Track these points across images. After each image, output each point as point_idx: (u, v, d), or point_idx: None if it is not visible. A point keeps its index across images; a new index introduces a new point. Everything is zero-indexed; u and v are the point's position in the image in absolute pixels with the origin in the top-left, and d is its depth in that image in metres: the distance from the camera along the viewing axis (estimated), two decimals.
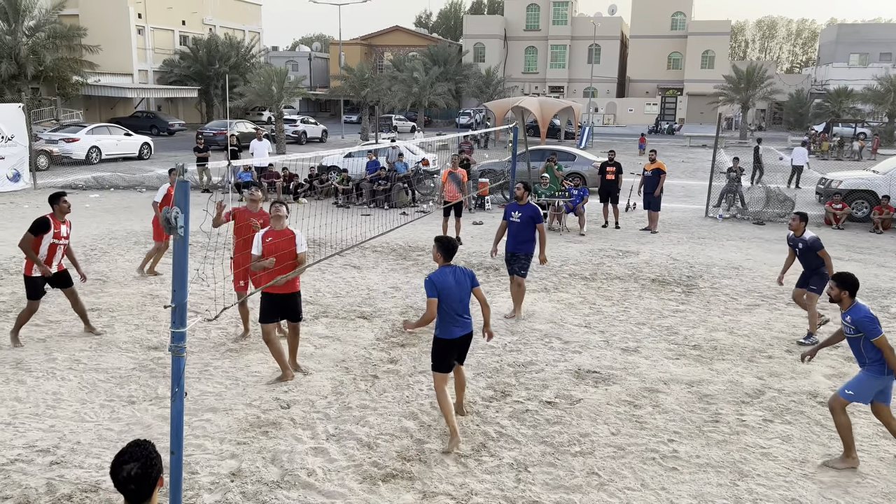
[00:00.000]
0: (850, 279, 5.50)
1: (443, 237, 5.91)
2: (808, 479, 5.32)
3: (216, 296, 8.35)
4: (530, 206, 9.02)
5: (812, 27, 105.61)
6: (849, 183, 17.59)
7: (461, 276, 5.81)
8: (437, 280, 5.67)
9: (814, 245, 8.36)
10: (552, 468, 5.42)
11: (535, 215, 8.96)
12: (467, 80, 54.16)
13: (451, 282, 5.70)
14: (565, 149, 22.86)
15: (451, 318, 5.73)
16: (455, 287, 5.72)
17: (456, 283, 5.74)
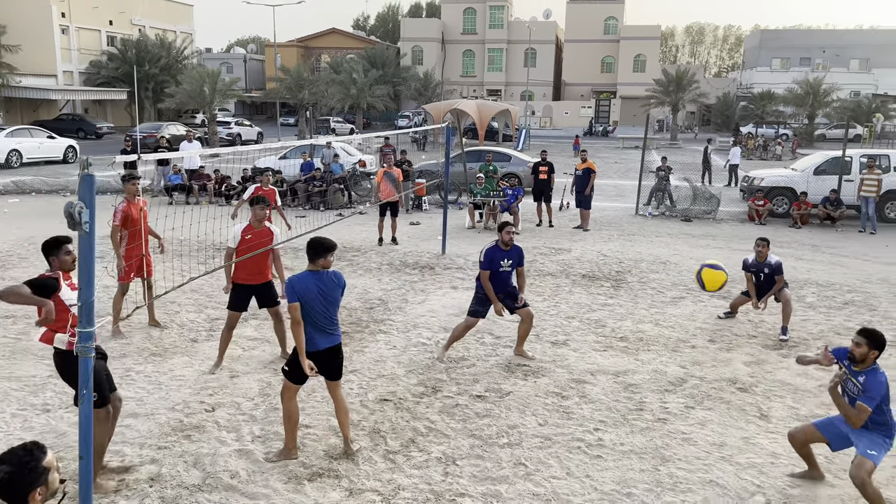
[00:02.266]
0: (882, 339, 4.76)
1: (313, 239, 5.27)
2: (726, 462, 5.50)
3: (127, 297, 8.10)
4: (517, 249, 7.59)
5: (738, 33, 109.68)
6: (770, 181, 18.32)
7: (329, 283, 5.19)
8: (298, 284, 5.10)
9: (778, 269, 8.57)
10: (480, 460, 5.45)
11: (522, 258, 7.62)
12: (406, 82, 54.18)
13: (312, 288, 5.11)
14: (501, 150, 23.08)
15: (313, 326, 5.17)
16: (317, 294, 5.12)
17: (319, 290, 5.13)
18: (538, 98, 66.26)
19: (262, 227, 7.12)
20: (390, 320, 8.84)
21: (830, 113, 48.21)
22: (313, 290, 5.12)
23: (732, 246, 14.09)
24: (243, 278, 7.02)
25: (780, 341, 8.39)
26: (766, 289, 8.70)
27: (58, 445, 5.38)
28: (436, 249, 13.03)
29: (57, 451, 5.23)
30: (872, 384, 4.69)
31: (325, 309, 5.18)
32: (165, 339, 8.01)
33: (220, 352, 7.20)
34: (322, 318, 5.18)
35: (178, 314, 8.89)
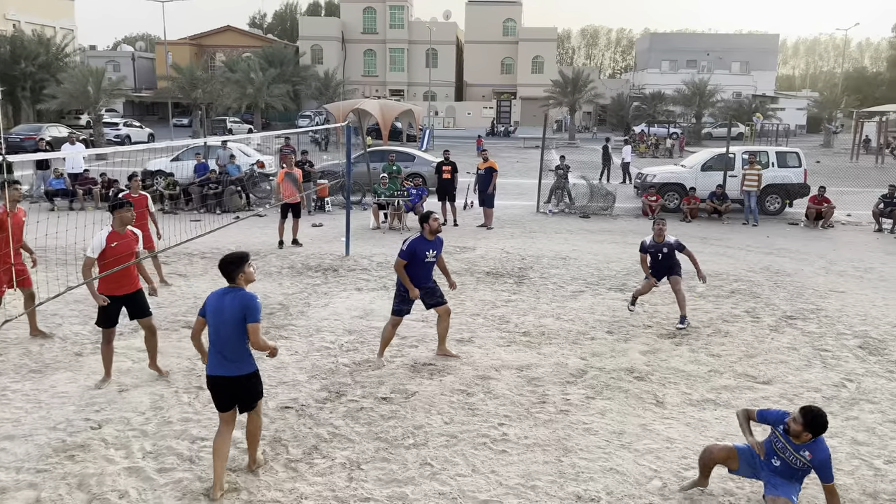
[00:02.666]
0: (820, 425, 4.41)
1: (225, 256, 4.88)
2: (625, 449, 5.66)
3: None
4: (440, 239, 7.53)
5: (629, 36, 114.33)
6: (661, 177, 19.15)
7: (232, 306, 4.66)
8: (209, 298, 4.81)
9: (679, 246, 8.85)
10: (385, 463, 5.37)
11: (442, 246, 7.58)
12: (305, 81, 53.22)
13: (215, 306, 4.73)
14: (405, 150, 23.04)
15: (211, 348, 4.79)
16: (215, 314, 4.70)
17: (220, 309, 4.68)
18: (441, 98, 66.67)
19: (127, 231, 6.63)
20: (292, 325, 8.61)
21: (715, 112, 51.11)
22: (215, 307, 4.74)
23: (628, 240, 14.62)
24: (114, 289, 6.52)
25: (678, 329, 8.72)
26: (665, 266, 8.91)
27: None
28: (339, 251, 12.82)
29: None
30: (822, 457, 4.43)
31: (218, 330, 4.71)
32: (46, 353, 7.46)
33: (106, 367, 6.76)
34: (215, 337, 4.74)
35: (61, 326, 8.32)
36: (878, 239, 15.41)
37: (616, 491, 5.04)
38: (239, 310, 4.66)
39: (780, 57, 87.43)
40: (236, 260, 4.80)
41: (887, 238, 15.50)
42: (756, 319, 9.17)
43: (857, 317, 9.34)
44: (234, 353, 4.74)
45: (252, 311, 4.68)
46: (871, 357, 7.83)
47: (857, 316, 9.37)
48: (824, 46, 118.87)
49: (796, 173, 18.39)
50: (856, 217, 17.95)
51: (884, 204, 16.54)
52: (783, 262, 12.68)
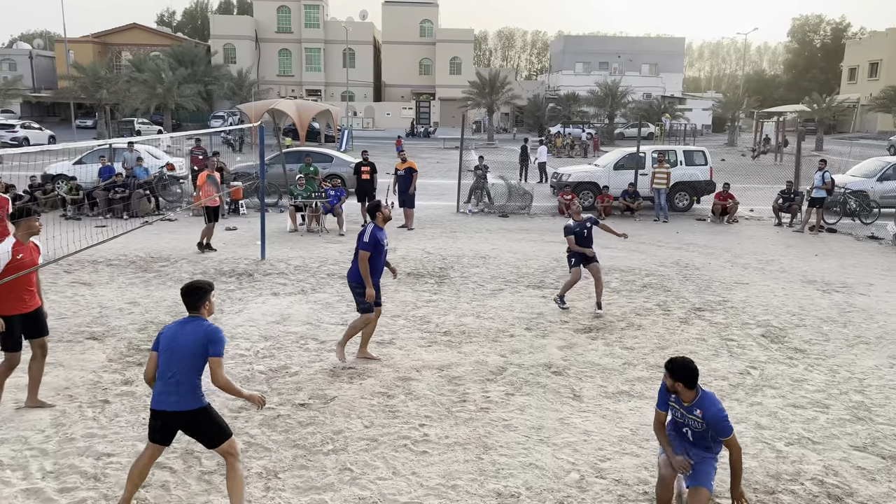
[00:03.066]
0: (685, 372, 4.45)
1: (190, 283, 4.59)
2: (544, 444, 5.73)
3: None
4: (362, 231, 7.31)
5: (544, 38, 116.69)
6: (576, 176, 19.62)
7: (194, 336, 4.37)
8: (166, 329, 4.49)
9: (593, 221, 9.64)
10: (304, 471, 5.25)
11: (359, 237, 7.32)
12: (218, 81, 51.70)
13: (173, 332, 4.42)
14: (322, 150, 22.73)
15: (158, 381, 4.40)
16: (171, 341, 4.38)
17: (178, 336, 4.37)
18: (359, 99, 66.16)
19: (31, 243, 6.05)
20: None
21: (627, 113, 52.84)
22: (170, 337, 4.40)
23: (546, 239, 14.91)
24: (18, 307, 5.90)
25: (597, 315, 9.16)
26: (590, 241, 9.62)
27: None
28: (254, 255, 12.50)
29: None
30: (712, 411, 4.35)
31: (171, 363, 4.33)
32: None
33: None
34: (167, 371, 4.34)
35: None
36: (777, 232, 16.27)
37: (535, 486, 5.10)
38: (202, 341, 4.35)
39: (686, 59, 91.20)
40: (202, 288, 4.52)
41: (786, 231, 16.39)
42: (667, 312, 9.50)
43: (759, 307, 9.82)
44: (185, 387, 4.35)
45: (216, 345, 4.37)
46: (773, 345, 8.24)
47: (759, 306, 9.86)
48: (727, 50, 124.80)
49: (703, 171, 19.21)
50: (758, 212, 18.90)
51: (782, 199, 17.48)
52: (692, 257, 13.21)
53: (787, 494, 5.04)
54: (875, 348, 8.17)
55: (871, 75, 61.70)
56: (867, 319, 9.29)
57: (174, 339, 4.38)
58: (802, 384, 7.04)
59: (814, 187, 16.15)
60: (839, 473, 5.33)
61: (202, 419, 4.45)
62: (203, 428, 4.46)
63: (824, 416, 6.32)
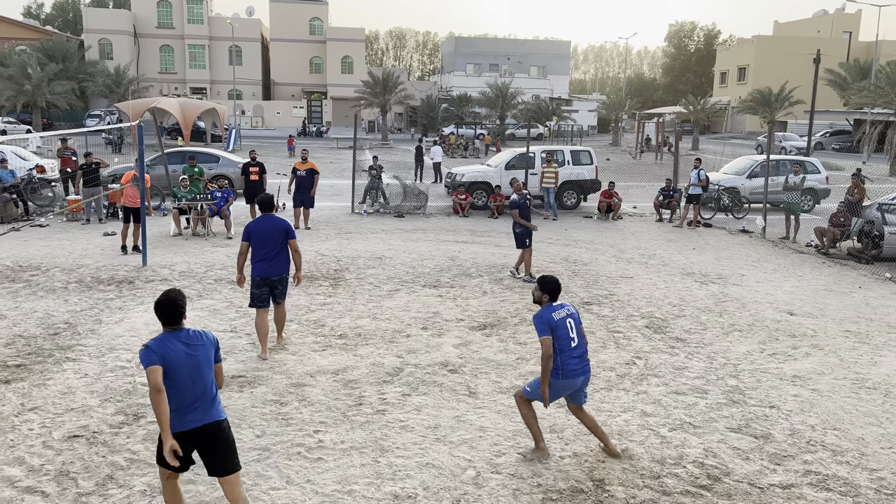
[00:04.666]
0: (551, 283, 5.44)
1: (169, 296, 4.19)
2: (441, 443, 5.75)
3: None
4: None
5: (435, 39, 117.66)
6: (469, 176, 19.86)
7: (205, 349, 4.18)
8: (160, 349, 4.03)
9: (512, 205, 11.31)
10: (192, 485, 5.00)
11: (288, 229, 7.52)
12: (93, 78, 48.69)
13: (180, 353, 4.07)
14: (208, 150, 21.86)
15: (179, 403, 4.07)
16: (185, 357, 4.08)
17: (187, 353, 4.10)
18: (247, 97, 64.23)
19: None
20: (80, 346, 7.78)
21: (517, 114, 54.07)
22: (180, 352, 4.06)
23: (441, 238, 15.00)
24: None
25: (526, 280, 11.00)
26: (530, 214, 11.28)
27: None
28: (135, 261, 11.85)
29: None
30: (534, 319, 5.39)
31: (200, 375, 4.11)
32: None
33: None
34: (194, 388, 4.08)
35: None
36: (658, 228, 17.12)
37: (432, 485, 5.09)
38: (211, 350, 4.23)
39: (572, 62, 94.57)
40: (182, 297, 4.22)
41: (666, 227, 17.28)
42: None
43: (643, 299, 10.28)
44: (214, 397, 4.19)
45: (218, 351, 4.31)
46: (656, 335, 8.64)
47: (643, 299, 10.32)
48: (610, 53, 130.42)
49: (589, 170, 19.93)
50: (640, 209, 19.83)
51: (663, 196, 18.41)
52: (580, 253, 13.67)
53: (671, 478, 5.28)
54: (748, 335, 8.73)
55: (740, 79, 66.27)
56: (740, 308, 9.92)
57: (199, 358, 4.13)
58: (683, 372, 7.42)
59: (690, 185, 17.11)
60: (717, 455, 5.65)
61: (228, 430, 4.26)
62: (228, 440, 4.24)
63: (703, 401, 6.69)
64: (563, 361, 5.29)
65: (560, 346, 5.28)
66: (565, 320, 5.35)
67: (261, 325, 7.52)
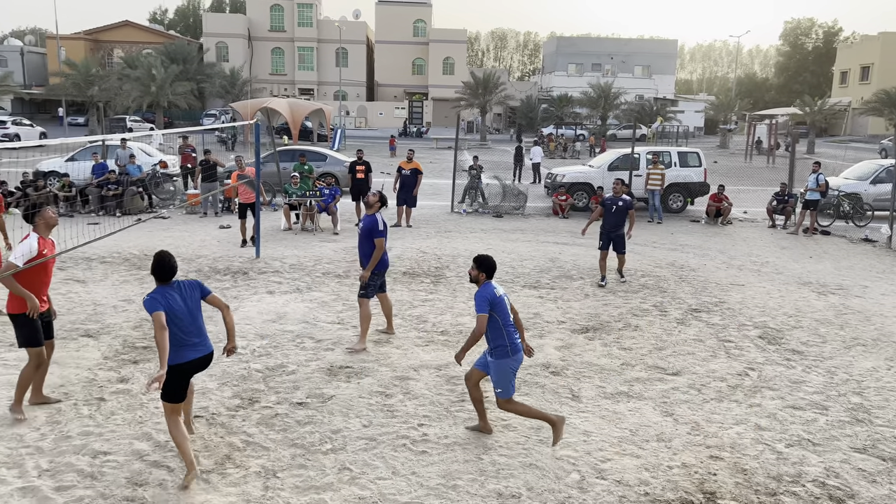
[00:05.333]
0: (487, 262, 5.63)
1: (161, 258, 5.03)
2: (544, 444, 5.70)
3: None
4: (371, 218, 7.77)
5: (536, 39, 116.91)
6: (570, 177, 19.62)
7: (188, 292, 5.08)
8: (162, 299, 4.89)
9: (630, 205, 10.97)
10: (303, 470, 5.21)
11: (372, 227, 7.72)
12: (210, 79, 51.45)
13: (178, 300, 4.97)
14: (316, 149, 22.63)
15: (182, 341, 4.95)
16: (183, 305, 4.99)
17: (184, 300, 5.01)
18: (352, 98, 66.01)
19: (50, 239, 6.06)
20: None
21: (620, 115, 52.93)
22: (178, 302, 4.99)
23: (540, 238, 14.89)
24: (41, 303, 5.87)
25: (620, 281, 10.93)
26: (615, 220, 10.89)
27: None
28: (249, 253, 12.43)
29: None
30: (476, 297, 5.51)
31: (195, 318, 5.07)
32: None
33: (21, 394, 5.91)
34: (192, 327, 5.03)
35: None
36: (772, 234, 16.32)
37: (536, 486, 5.07)
38: (197, 289, 5.17)
39: (678, 62, 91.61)
40: (174, 259, 5.11)
41: (780, 233, 16.44)
42: (664, 313, 9.50)
43: (756, 308, 9.83)
44: (203, 333, 5.13)
45: (205, 286, 5.25)
46: (770, 346, 8.24)
47: (756, 308, 9.87)
48: (719, 52, 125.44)
49: (697, 172, 19.24)
50: (752, 214, 18.96)
51: (777, 201, 17.54)
52: (687, 258, 13.23)
53: (788, 496, 5.03)
54: (872, 350, 8.19)
55: (863, 79, 62.12)
56: (864, 321, 9.32)
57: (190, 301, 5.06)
58: (801, 386, 7.05)
59: (808, 189, 16.21)
60: (840, 475, 5.33)
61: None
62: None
63: (824, 417, 6.33)
64: (509, 335, 5.53)
65: (503, 321, 5.51)
66: (504, 297, 5.58)
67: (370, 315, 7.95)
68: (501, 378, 5.54)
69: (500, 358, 5.51)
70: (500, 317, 5.48)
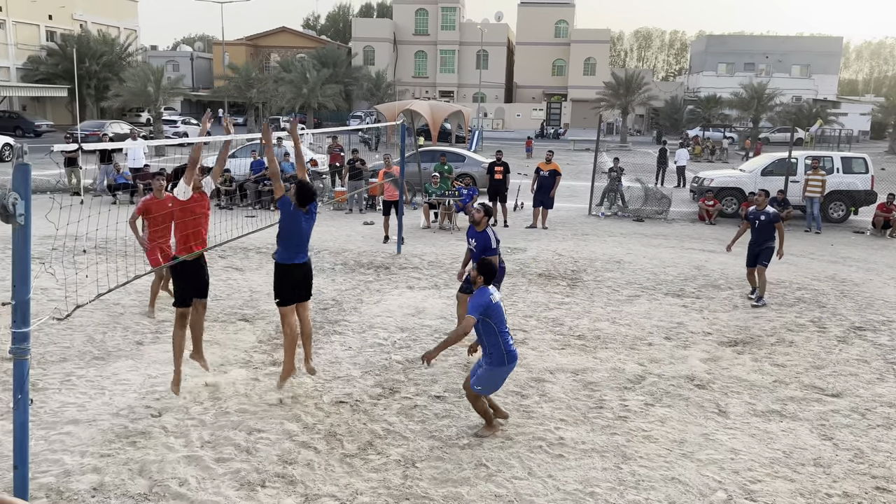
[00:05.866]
0: (489, 268, 5.59)
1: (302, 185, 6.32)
2: (687, 458, 5.47)
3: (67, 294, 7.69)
4: (484, 235, 7.60)
5: (683, 38, 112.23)
6: (719, 181, 18.67)
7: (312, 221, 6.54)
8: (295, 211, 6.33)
9: (775, 218, 9.96)
10: (440, 462, 5.31)
11: (487, 246, 7.50)
12: (357, 82, 53.71)
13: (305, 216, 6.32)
14: (455, 150, 23.01)
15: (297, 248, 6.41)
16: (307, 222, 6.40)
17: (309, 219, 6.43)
18: (490, 100, 66.48)
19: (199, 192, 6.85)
20: (345, 321, 8.63)
21: (773, 117, 49.65)
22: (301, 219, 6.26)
23: (685, 245, 14.29)
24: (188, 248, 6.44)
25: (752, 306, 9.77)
26: (761, 235, 9.96)
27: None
28: (391, 249, 12.84)
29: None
30: (473, 299, 5.58)
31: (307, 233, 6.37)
32: (109, 341, 7.64)
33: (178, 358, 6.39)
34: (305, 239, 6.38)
35: (122, 316, 8.51)
36: None
37: (678, 501, 4.87)
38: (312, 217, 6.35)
39: (842, 60, 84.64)
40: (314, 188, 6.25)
41: None
42: (822, 330, 8.82)
43: None
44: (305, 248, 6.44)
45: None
46: None
47: None
48: (890, 50, 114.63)
49: (863, 180, 17.70)
50: None
51: None
52: (849, 272, 12.20)
53: None
54: None
55: None
56: None
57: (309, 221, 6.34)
58: None
59: None
60: None
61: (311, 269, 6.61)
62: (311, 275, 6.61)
63: None
64: (505, 342, 5.49)
65: (499, 328, 5.46)
66: (500, 303, 5.56)
67: None
68: (489, 382, 5.61)
69: (496, 366, 5.53)
70: (495, 323, 5.46)
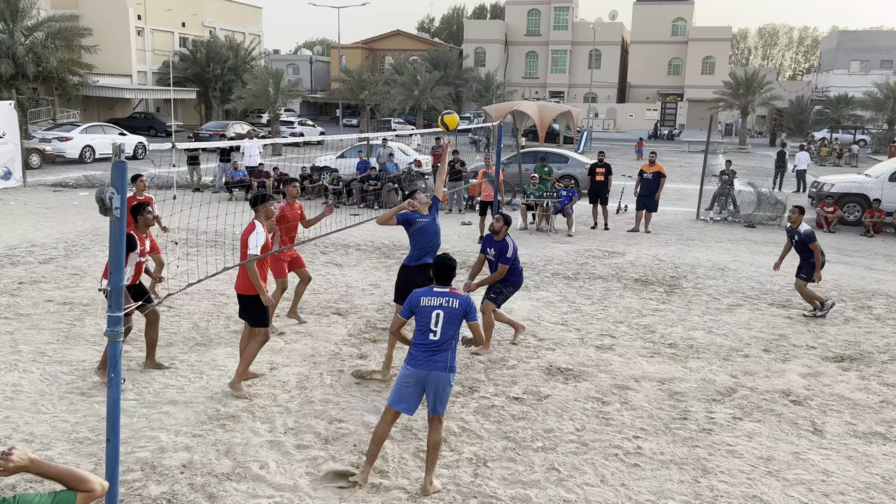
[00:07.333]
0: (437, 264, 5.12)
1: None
2: (772, 477, 5.20)
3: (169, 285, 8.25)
4: (503, 244, 7.71)
5: (814, 35, 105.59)
6: (840, 186, 17.48)
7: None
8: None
9: (807, 237, 9.32)
10: (512, 463, 5.32)
11: (502, 257, 7.64)
12: (467, 84, 54.15)
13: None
14: (558, 151, 22.80)
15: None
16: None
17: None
18: (602, 100, 65.24)
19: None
20: None
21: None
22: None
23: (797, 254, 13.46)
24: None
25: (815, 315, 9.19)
26: (800, 254, 9.47)
27: (99, 428, 5.49)
28: None
29: (97, 434, 5.37)
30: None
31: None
32: (211, 329, 8.15)
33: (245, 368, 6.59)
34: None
35: (226, 306, 9.04)
36: None
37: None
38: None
39: None
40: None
41: None
42: None
43: None
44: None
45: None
46: None
47: None
48: None
49: None
50: None
51: None
52: None
53: None
54: None
55: None
56: None
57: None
58: None
59: None
60: None
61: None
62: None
63: None
64: (416, 346, 4.91)
65: (414, 336, 4.96)
66: (432, 310, 4.88)
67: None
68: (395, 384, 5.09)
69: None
70: (416, 327, 4.94)
